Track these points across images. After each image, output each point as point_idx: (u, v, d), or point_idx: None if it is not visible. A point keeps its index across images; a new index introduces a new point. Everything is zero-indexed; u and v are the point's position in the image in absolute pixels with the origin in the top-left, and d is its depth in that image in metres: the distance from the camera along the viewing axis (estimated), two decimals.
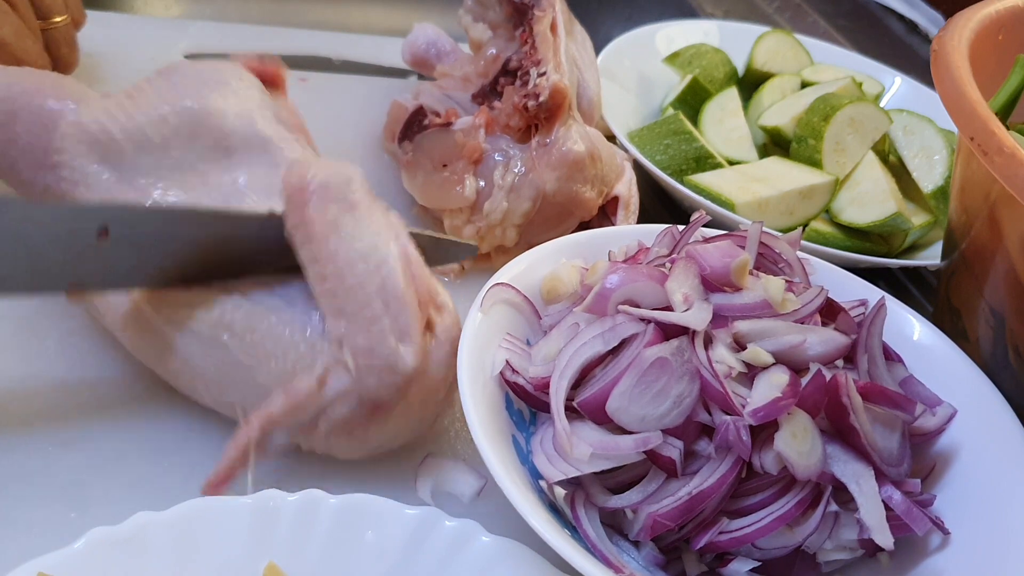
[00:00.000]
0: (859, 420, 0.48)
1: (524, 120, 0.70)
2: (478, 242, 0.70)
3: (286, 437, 0.51)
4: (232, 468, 0.50)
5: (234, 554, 0.46)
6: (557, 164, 0.69)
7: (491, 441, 0.47)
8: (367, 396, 0.49)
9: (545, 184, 0.69)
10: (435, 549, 0.48)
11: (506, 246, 0.71)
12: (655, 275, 0.51)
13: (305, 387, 0.49)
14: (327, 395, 0.49)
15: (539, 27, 0.74)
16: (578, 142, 0.70)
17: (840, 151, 0.84)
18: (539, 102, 0.69)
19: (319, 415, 0.50)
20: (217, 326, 0.51)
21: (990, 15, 0.65)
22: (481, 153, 0.70)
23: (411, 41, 0.86)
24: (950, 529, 0.50)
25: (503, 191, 0.69)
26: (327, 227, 0.49)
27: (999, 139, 0.51)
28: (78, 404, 0.55)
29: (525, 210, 0.69)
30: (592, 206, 0.72)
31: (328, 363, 0.50)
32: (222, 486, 0.50)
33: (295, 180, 0.50)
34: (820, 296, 0.52)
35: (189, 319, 0.52)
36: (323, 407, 0.50)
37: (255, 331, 0.51)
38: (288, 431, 0.51)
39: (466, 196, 0.69)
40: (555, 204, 0.70)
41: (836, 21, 1.32)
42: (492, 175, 0.69)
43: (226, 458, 0.50)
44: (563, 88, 0.69)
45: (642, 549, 0.50)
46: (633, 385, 0.47)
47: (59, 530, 0.47)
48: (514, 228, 0.70)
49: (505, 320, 0.55)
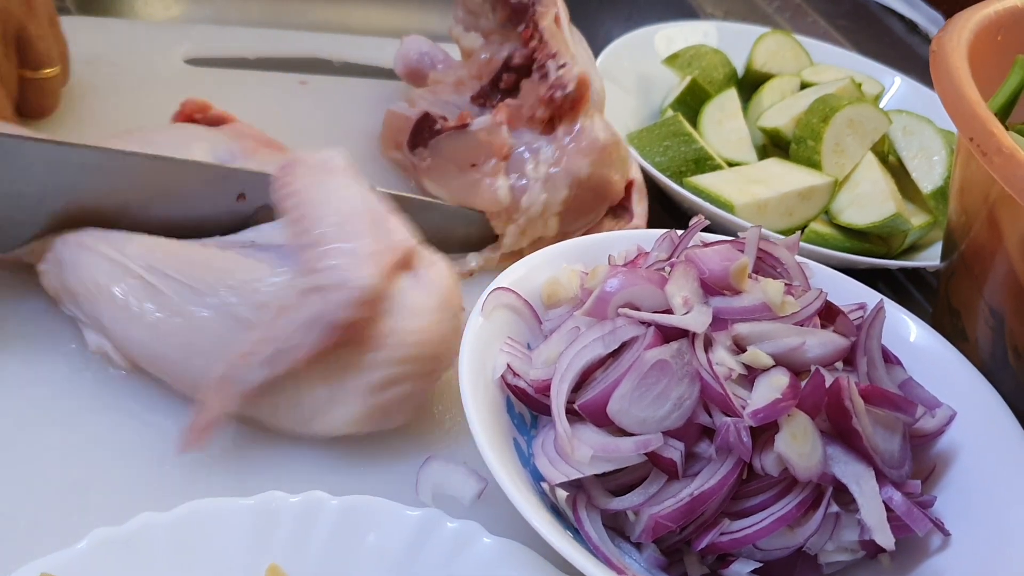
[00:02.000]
0: (861, 423, 0.48)
1: (549, 111, 0.71)
2: (519, 237, 0.71)
3: (257, 373, 0.52)
4: (209, 412, 0.52)
5: (236, 555, 0.46)
6: (588, 150, 0.70)
7: (492, 444, 0.47)
8: (326, 315, 0.51)
9: (580, 170, 0.70)
10: (437, 550, 0.48)
11: (547, 236, 0.72)
12: (655, 279, 0.52)
13: (268, 318, 0.52)
14: (290, 321, 0.51)
15: (544, 22, 0.74)
16: (604, 129, 0.71)
17: (839, 152, 0.84)
18: (566, 92, 0.70)
19: (285, 345, 0.52)
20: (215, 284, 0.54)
21: (989, 15, 0.65)
22: (510, 148, 0.70)
23: (403, 53, 0.86)
24: (950, 530, 0.51)
25: (539, 183, 0.70)
26: (304, 179, 0.55)
27: (998, 139, 0.51)
28: (78, 405, 0.56)
29: (563, 198, 0.70)
30: (620, 189, 0.74)
31: (291, 294, 0.52)
32: (200, 432, 0.52)
33: (285, 163, 0.57)
34: (819, 299, 0.52)
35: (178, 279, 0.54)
36: (287, 334, 0.51)
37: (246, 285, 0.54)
38: (258, 367, 0.52)
39: (500, 200, 0.70)
40: (589, 189, 0.71)
41: (836, 21, 1.32)
42: (524, 169, 0.70)
43: (203, 404, 0.52)
44: (587, 77, 0.71)
45: (644, 551, 0.50)
46: (634, 388, 0.48)
47: (62, 531, 0.47)
48: (555, 217, 0.71)
49: (506, 324, 0.55)
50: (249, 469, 0.54)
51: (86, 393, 0.56)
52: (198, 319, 0.53)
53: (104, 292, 0.55)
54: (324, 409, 0.54)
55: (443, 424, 0.60)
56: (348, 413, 0.53)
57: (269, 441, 0.56)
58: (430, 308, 0.54)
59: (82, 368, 0.57)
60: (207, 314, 0.53)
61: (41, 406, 0.55)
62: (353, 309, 0.51)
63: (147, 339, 0.54)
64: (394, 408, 0.55)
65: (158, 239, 0.57)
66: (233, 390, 0.52)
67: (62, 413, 0.55)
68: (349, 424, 0.54)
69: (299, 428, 0.55)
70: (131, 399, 0.57)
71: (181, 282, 0.54)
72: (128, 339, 0.55)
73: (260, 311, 0.53)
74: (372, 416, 0.54)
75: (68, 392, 0.56)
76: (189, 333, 0.53)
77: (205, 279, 0.54)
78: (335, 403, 0.53)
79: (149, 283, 0.54)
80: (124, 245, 0.56)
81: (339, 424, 0.54)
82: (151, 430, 0.55)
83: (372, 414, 0.54)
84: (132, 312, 0.54)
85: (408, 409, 0.56)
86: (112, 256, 0.55)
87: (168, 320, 0.54)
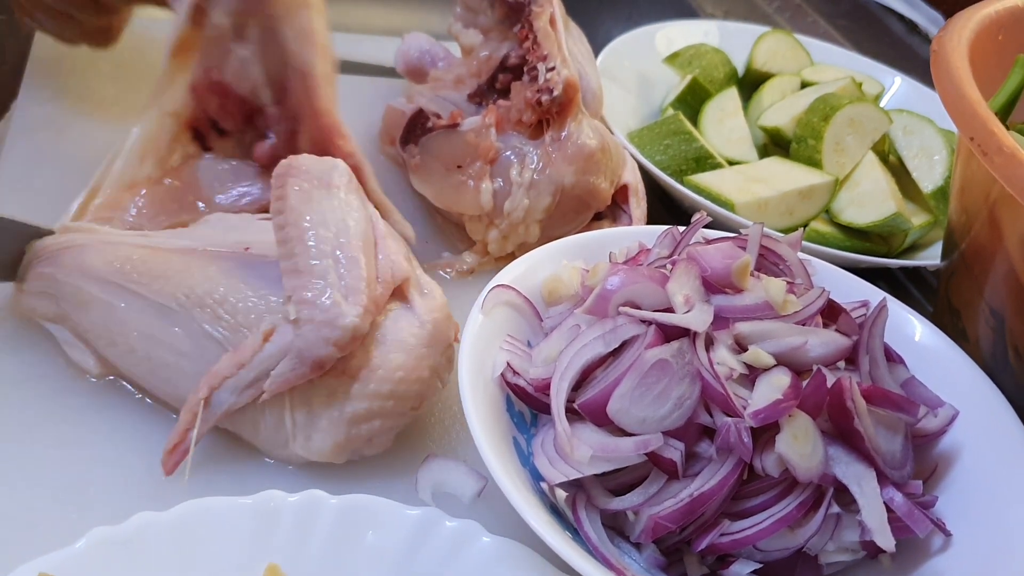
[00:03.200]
0: (863, 424, 0.48)
1: (536, 115, 0.70)
2: (502, 243, 0.71)
3: (232, 395, 0.51)
4: (183, 431, 0.51)
5: (235, 554, 0.46)
6: (573, 158, 0.69)
7: (492, 443, 0.47)
8: (306, 351, 0.50)
9: (563, 178, 0.69)
10: (436, 549, 0.48)
11: (529, 242, 0.71)
12: (656, 277, 0.51)
13: (250, 342, 0.51)
14: (269, 349, 0.50)
15: (539, 23, 0.74)
16: (592, 135, 0.70)
17: (840, 151, 0.84)
18: (553, 96, 0.69)
19: (264, 373, 0.51)
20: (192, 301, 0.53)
21: (990, 15, 0.65)
22: (496, 152, 0.70)
23: (404, 51, 0.86)
24: (952, 530, 0.50)
25: (522, 188, 0.69)
26: (299, 196, 0.52)
27: (999, 139, 0.51)
28: (78, 404, 0.55)
29: (546, 205, 0.70)
30: (606, 196, 0.73)
31: (276, 321, 0.51)
32: (176, 451, 0.51)
33: (281, 168, 0.54)
34: (821, 298, 0.52)
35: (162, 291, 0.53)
36: (266, 363, 0.51)
37: (225, 303, 0.53)
38: (235, 391, 0.51)
39: (482, 204, 0.69)
40: (573, 197, 0.71)
41: (836, 21, 1.32)
42: (508, 173, 0.70)
43: (179, 423, 0.51)
44: (575, 82, 0.70)
45: (643, 551, 0.50)
46: (634, 387, 0.47)
47: (60, 530, 0.47)
48: (536, 224, 0.71)
49: (506, 322, 0.55)
50: (248, 468, 0.54)
51: (86, 393, 0.56)
52: (173, 339, 0.52)
53: (87, 306, 0.54)
54: (303, 434, 0.52)
55: (443, 422, 0.60)
56: (326, 441, 0.52)
57: None
58: (419, 343, 0.53)
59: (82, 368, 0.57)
60: (180, 333, 0.52)
61: (41, 406, 0.55)
62: (336, 348, 0.50)
63: (126, 357, 0.54)
64: (372, 439, 0.54)
65: (144, 245, 0.56)
66: (209, 411, 0.51)
67: (61, 413, 0.55)
68: (324, 453, 0.53)
69: (275, 450, 0.54)
70: (131, 399, 0.56)
71: (158, 303, 0.53)
72: (114, 355, 0.55)
73: (236, 334, 0.52)
74: (349, 445, 0.53)
75: (68, 392, 0.56)
76: (164, 352, 0.53)
77: (184, 293, 0.53)
78: (315, 429, 0.52)
79: (130, 300, 0.53)
80: (106, 252, 0.55)
81: (315, 451, 0.53)
82: (150, 430, 0.55)
83: (349, 443, 0.53)
84: (110, 329, 0.54)
85: (385, 441, 0.55)
86: (96, 266, 0.54)
87: (147, 338, 0.53)
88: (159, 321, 0.53)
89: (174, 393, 0.54)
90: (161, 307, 0.53)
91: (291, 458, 0.54)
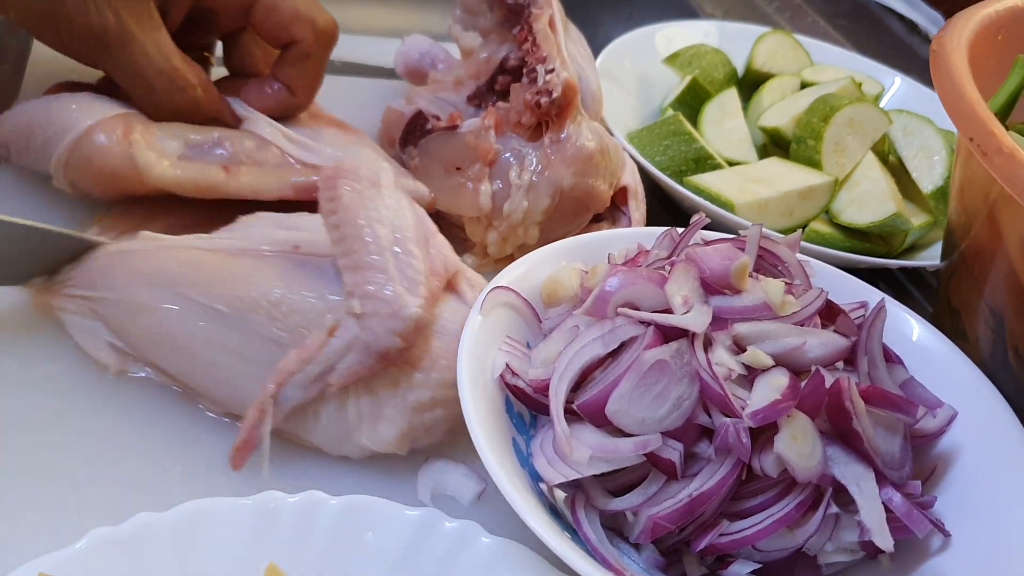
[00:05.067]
0: (862, 424, 0.48)
1: (535, 117, 0.70)
2: (502, 245, 0.71)
3: (300, 391, 0.52)
4: (252, 428, 0.52)
5: (235, 555, 0.46)
6: (572, 160, 0.69)
7: (491, 444, 0.47)
8: (372, 344, 0.51)
9: (562, 180, 0.69)
10: (436, 550, 0.48)
11: (528, 244, 0.71)
12: (655, 278, 0.51)
13: (315, 338, 0.52)
14: (335, 344, 0.51)
15: (538, 24, 0.74)
16: (590, 137, 0.70)
17: (840, 152, 0.84)
18: (552, 98, 0.69)
19: (329, 368, 0.52)
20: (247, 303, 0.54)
21: (990, 15, 0.65)
22: (496, 154, 0.70)
23: (404, 52, 0.86)
24: (951, 531, 0.50)
25: (521, 190, 0.69)
26: (352, 196, 0.54)
27: (998, 139, 0.51)
28: (77, 404, 0.55)
29: (545, 207, 0.70)
30: (605, 198, 0.73)
31: (339, 316, 0.52)
32: (246, 450, 0.52)
33: (330, 170, 0.55)
34: (820, 298, 0.52)
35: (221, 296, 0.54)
36: (332, 357, 0.52)
37: (282, 304, 0.53)
38: (302, 387, 0.52)
39: (481, 205, 0.69)
40: (572, 199, 0.70)
41: (836, 21, 1.32)
42: (507, 175, 0.70)
43: (246, 420, 0.52)
44: (575, 84, 0.70)
45: (643, 551, 0.50)
46: (633, 387, 0.48)
47: (60, 530, 0.47)
48: (536, 226, 0.71)
49: (505, 323, 0.55)
50: (247, 468, 0.54)
51: (85, 393, 0.56)
52: (233, 342, 0.53)
53: (140, 312, 0.55)
54: (368, 424, 0.53)
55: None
56: (391, 430, 0.53)
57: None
58: None
59: (82, 368, 0.57)
60: (240, 337, 0.53)
61: (40, 406, 0.55)
62: (401, 338, 0.51)
63: (182, 362, 0.55)
64: (433, 428, 0.54)
65: (196, 249, 0.56)
66: (277, 408, 0.52)
67: (61, 413, 0.55)
68: (391, 443, 0.53)
69: (338, 443, 0.54)
70: (131, 399, 0.56)
71: (215, 308, 0.53)
72: (165, 360, 0.56)
73: (295, 334, 0.52)
74: (412, 434, 0.54)
75: (67, 392, 0.56)
76: (225, 356, 0.54)
77: (239, 297, 0.53)
78: (380, 419, 0.53)
79: (186, 306, 0.54)
80: (156, 257, 0.56)
81: (382, 441, 0.53)
82: (150, 430, 0.55)
83: (412, 432, 0.54)
84: (169, 334, 0.54)
85: (444, 430, 0.55)
86: (148, 273, 0.55)
87: (204, 343, 0.54)
88: (219, 326, 0.53)
89: (233, 395, 0.55)
90: (219, 312, 0.53)
91: (352, 451, 0.54)
